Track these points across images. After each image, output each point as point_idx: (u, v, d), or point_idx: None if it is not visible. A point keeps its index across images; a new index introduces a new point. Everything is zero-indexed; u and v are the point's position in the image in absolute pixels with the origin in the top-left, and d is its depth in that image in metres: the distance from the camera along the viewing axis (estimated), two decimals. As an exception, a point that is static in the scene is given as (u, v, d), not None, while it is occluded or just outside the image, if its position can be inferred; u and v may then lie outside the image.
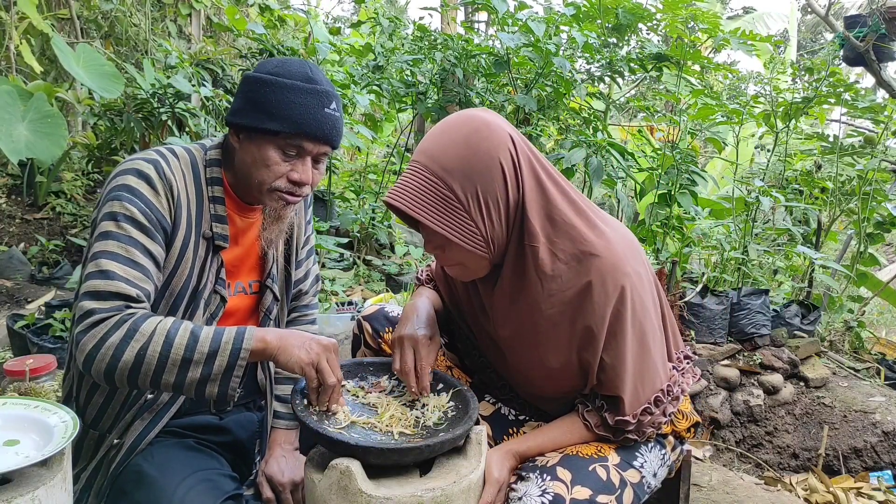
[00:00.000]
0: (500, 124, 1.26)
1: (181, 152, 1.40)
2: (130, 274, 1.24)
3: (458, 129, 1.24)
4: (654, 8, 4.37)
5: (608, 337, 1.25)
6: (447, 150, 1.22)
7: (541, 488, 1.19)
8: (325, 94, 1.35)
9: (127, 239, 1.26)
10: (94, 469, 1.37)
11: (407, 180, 1.24)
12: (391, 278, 4.18)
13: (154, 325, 1.20)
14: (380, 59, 4.45)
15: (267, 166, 1.35)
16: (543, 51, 3.87)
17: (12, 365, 2.28)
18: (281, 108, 1.31)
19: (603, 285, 1.23)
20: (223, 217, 1.42)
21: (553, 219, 1.27)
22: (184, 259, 1.35)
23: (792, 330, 3.69)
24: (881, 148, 4.14)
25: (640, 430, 1.30)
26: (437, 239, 1.27)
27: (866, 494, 2.67)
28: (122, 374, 1.19)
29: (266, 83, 1.32)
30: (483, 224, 1.24)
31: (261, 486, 1.48)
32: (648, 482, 1.32)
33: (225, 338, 1.22)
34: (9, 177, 4.65)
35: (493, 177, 1.22)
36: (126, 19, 5.43)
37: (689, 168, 3.92)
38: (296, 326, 1.70)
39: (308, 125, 1.32)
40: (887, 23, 5.25)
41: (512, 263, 1.30)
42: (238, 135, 1.38)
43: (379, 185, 5.49)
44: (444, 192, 1.21)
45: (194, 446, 1.40)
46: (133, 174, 1.30)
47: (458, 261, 1.30)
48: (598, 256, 1.24)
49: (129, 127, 4.09)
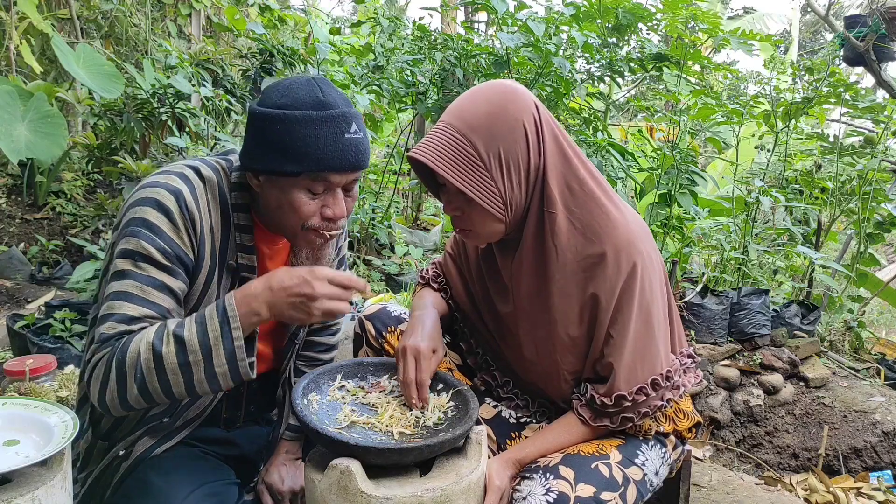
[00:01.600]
0: (525, 91, 1.31)
1: (208, 173, 1.29)
2: (142, 312, 1.18)
3: (485, 92, 1.29)
4: (654, 8, 4.36)
5: (614, 311, 1.27)
6: (473, 111, 1.26)
7: (545, 487, 1.19)
8: (342, 117, 1.21)
9: (144, 278, 1.18)
10: (99, 474, 1.36)
11: (432, 138, 1.27)
12: (391, 278, 4.18)
13: (137, 346, 1.13)
14: (380, 59, 4.45)
15: (296, 210, 1.23)
16: (543, 51, 3.87)
17: (12, 365, 2.28)
18: (296, 147, 1.18)
19: (616, 258, 1.26)
20: (250, 248, 1.32)
21: (572, 188, 1.30)
22: (209, 291, 1.29)
23: (792, 330, 3.69)
24: (881, 148, 4.14)
25: (636, 410, 1.29)
26: (456, 199, 1.30)
27: (866, 494, 2.67)
28: (138, 406, 1.17)
29: (275, 120, 1.19)
30: (503, 184, 1.27)
31: (261, 493, 1.47)
32: (651, 480, 1.32)
33: (211, 327, 1.14)
34: (9, 177, 4.65)
35: (516, 139, 1.26)
36: (126, 19, 5.44)
37: (689, 168, 3.92)
38: (318, 336, 1.65)
39: (330, 159, 1.19)
40: (887, 23, 5.25)
41: (532, 231, 1.32)
42: (257, 178, 1.26)
43: (379, 185, 5.49)
44: (468, 150, 1.24)
45: (201, 456, 1.39)
46: (153, 206, 1.20)
47: (474, 223, 1.32)
48: (614, 229, 1.28)
49: (129, 127, 4.09)
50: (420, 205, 5.78)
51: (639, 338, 1.28)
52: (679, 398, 1.37)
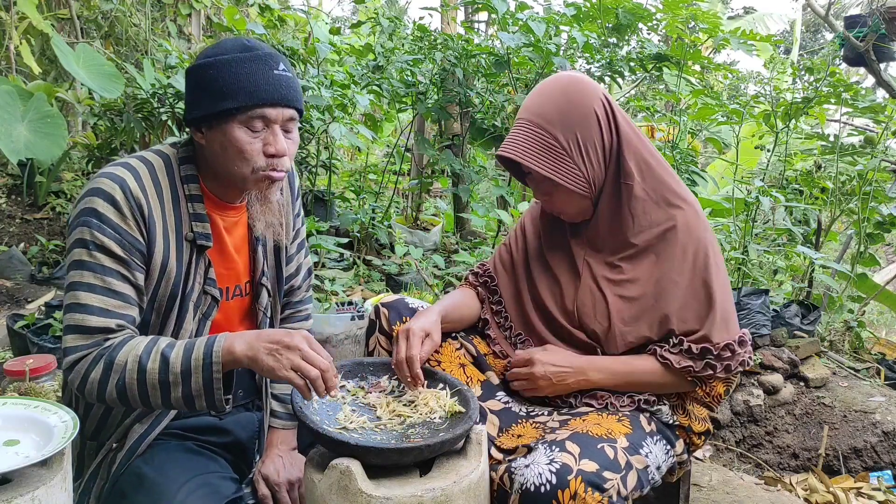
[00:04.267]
0: (590, 80, 1.47)
1: (153, 157, 1.36)
2: (109, 304, 1.24)
3: (553, 87, 1.45)
4: (654, 8, 4.37)
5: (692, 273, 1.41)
6: (547, 105, 1.42)
7: (549, 458, 1.21)
8: (269, 56, 1.30)
9: (100, 268, 1.25)
10: (94, 471, 1.37)
11: (515, 135, 1.44)
12: (391, 278, 4.18)
13: (127, 355, 1.21)
14: (380, 59, 4.45)
15: (239, 149, 1.30)
16: (544, 51, 3.87)
17: (12, 365, 2.28)
18: (229, 84, 1.27)
19: (688, 227, 1.42)
20: (202, 215, 1.38)
21: (646, 162, 1.45)
22: (167, 270, 1.33)
23: (792, 330, 3.69)
24: (881, 148, 4.14)
25: (721, 362, 1.39)
26: (544, 185, 1.46)
27: (866, 494, 2.66)
28: (114, 403, 1.24)
29: (207, 66, 1.29)
30: (585, 167, 1.42)
31: (257, 484, 1.48)
32: (652, 473, 1.34)
33: (194, 355, 1.22)
34: (9, 177, 4.65)
35: (590, 124, 1.42)
36: (126, 19, 5.44)
37: (689, 168, 3.92)
38: (290, 323, 1.69)
39: (261, 91, 1.27)
40: (887, 23, 5.24)
41: (608, 201, 1.47)
42: (200, 129, 1.33)
43: (379, 185, 5.48)
44: (549, 141, 1.41)
45: (194, 449, 1.40)
46: (100, 196, 1.26)
47: (563, 203, 1.48)
48: (684, 203, 1.45)
49: (129, 127, 4.09)
50: (420, 205, 5.78)
51: (724, 298, 1.41)
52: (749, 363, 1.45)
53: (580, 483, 1.17)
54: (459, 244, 5.00)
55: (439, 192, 6.99)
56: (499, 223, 4.53)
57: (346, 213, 4.61)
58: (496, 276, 1.66)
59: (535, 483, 1.18)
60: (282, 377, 1.20)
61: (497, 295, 1.65)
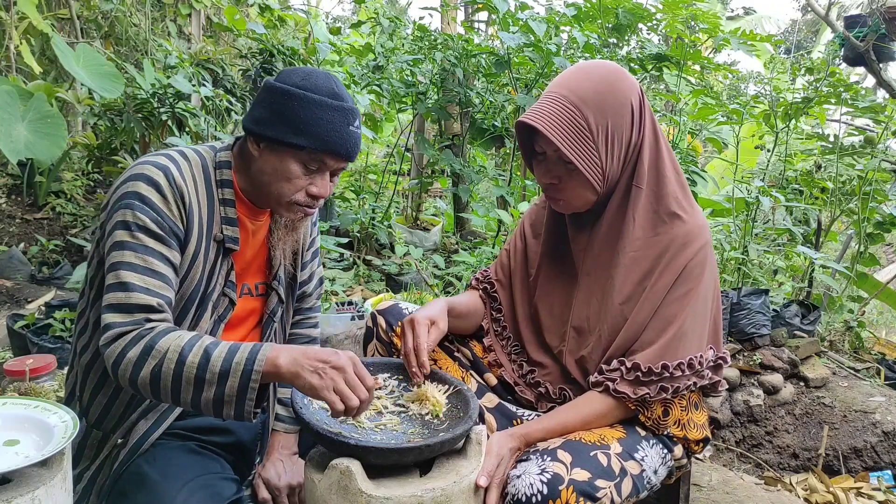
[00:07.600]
0: (630, 74, 1.40)
1: (192, 155, 1.39)
2: (150, 283, 1.25)
3: (595, 69, 1.38)
4: (654, 8, 4.37)
5: (670, 289, 1.34)
6: (585, 85, 1.34)
7: (540, 467, 1.20)
8: (351, 111, 1.35)
9: (143, 248, 1.26)
10: (97, 469, 1.37)
11: (544, 105, 1.34)
12: (391, 278, 4.18)
13: (169, 343, 1.19)
14: (380, 59, 4.46)
15: (288, 179, 1.34)
16: (544, 51, 3.87)
17: (12, 365, 2.28)
18: (308, 124, 1.30)
19: (684, 242, 1.35)
20: (234, 220, 1.41)
21: (659, 170, 1.39)
22: (195, 264, 1.35)
23: (792, 330, 3.69)
24: (881, 148, 4.14)
25: (659, 384, 1.31)
26: (556, 168, 1.38)
27: (866, 494, 2.66)
28: (144, 389, 1.21)
29: (293, 96, 1.31)
30: (606, 157, 1.35)
31: (257, 487, 1.48)
32: (649, 477, 1.32)
33: (237, 358, 1.19)
34: (9, 177, 4.65)
35: (623, 115, 1.35)
36: (126, 19, 5.44)
37: (689, 168, 3.92)
38: (298, 329, 1.70)
39: (334, 143, 1.32)
40: (887, 23, 5.25)
41: (617, 203, 1.41)
42: (259, 144, 1.36)
43: (379, 185, 5.49)
44: (579, 120, 1.32)
45: (196, 450, 1.40)
46: (143, 181, 1.28)
47: (568, 192, 1.39)
48: (687, 215, 1.38)
49: (129, 127, 4.09)
50: (420, 205, 5.78)
51: (685, 318, 1.33)
52: (709, 381, 1.37)
53: (571, 493, 1.15)
54: (459, 244, 5.00)
55: (439, 192, 7.00)
56: (499, 223, 4.54)
57: (346, 213, 4.61)
58: (495, 282, 1.64)
59: (525, 494, 1.16)
60: (323, 397, 1.17)
61: (496, 302, 1.63)
